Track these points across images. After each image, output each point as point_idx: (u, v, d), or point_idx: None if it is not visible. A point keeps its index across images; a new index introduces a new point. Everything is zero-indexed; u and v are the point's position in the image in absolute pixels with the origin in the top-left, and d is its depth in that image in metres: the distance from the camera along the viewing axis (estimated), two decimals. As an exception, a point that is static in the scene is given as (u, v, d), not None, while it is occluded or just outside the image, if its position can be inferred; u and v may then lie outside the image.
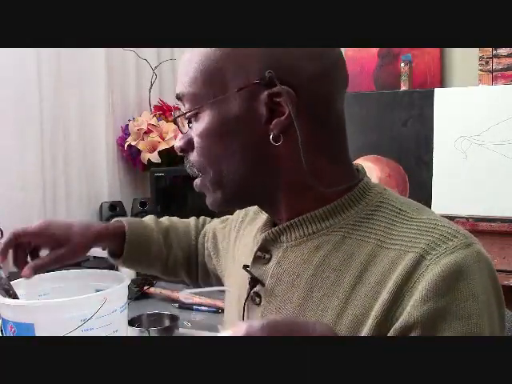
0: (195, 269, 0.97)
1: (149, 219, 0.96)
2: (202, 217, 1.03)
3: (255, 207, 0.81)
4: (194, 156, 0.66)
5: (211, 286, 0.96)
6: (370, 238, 0.61)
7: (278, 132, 0.60)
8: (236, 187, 0.64)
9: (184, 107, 0.66)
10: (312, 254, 0.63)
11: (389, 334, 0.55)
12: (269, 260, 0.67)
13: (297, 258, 0.64)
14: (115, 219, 0.93)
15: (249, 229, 0.80)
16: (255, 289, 0.67)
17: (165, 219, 0.99)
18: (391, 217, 0.62)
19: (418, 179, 1.69)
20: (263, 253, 0.68)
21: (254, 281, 0.67)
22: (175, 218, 1.01)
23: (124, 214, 2.02)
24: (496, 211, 1.59)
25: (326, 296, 0.61)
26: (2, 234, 1.64)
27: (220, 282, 0.92)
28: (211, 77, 0.61)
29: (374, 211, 0.63)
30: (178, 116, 0.67)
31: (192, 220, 1.01)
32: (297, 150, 0.60)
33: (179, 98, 0.65)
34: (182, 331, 1.31)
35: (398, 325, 0.54)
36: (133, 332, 1.24)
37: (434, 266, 0.55)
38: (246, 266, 0.69)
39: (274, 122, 0.60)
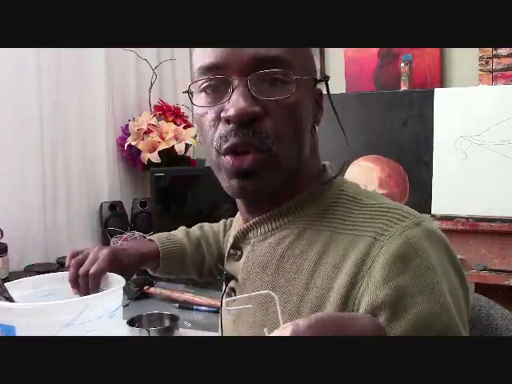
0: None
1: (180, 233, 1.01)
2: (224, 221, 1.06)
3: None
4: (269, 124, 0.61)
5: None
6: (328, 227, 0.64)
7: (317, 124, 0.69)
8: (291, 170, 0.65)
9: (254, 72, 0.60)
10: (276, 246, 0.67)
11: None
12: (240, 257, 0.71)
13: (262, 251, 0.68)
14: (148, 238, 0.98)
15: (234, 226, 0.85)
16: (230, 284, 0.72)
17: (196, 228, 1.03)
18: (346, 205, 0.66)
19: (418, 179, 1.69)
20: (235, 250, 0.72)
21: (229, 277, 0.72)
22: (207, 225, 1.04)
23: (124, 214, 2.02)
24: (496, 211, 1.59)
25: (289, 282, 0.64)
26: (2, 234, 1.64)
27: None
28: (306, 59, 0.66)
29: (334, 202, 0.67)
30: (292, 79, 0.61)
31: (221, 224, 1.04)
32: (312, 145, 0.68)
33: (274, 60, 0.60)
34: (182, 331, 1.31)
35: (364, 307, 0.56)
36: (133, 332, 1.24)
37: (388, 247, 0.57)
38: (221, 264, 0.75)
39: (318, 116, 0.69)
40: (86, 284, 0.83)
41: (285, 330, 0.43)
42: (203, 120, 0.65)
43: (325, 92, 0.72)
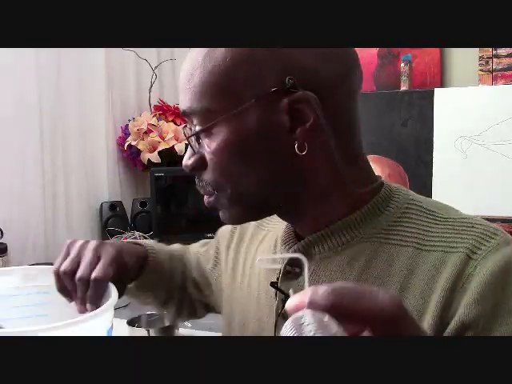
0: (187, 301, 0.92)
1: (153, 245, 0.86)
2: (183, 248, 0.93)
3: (253, 222, 0.78)
4: (208, 174, 0.61)
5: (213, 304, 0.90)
6: (408, 242, 0.59)
7: (303, 140, 0.57)
8: (258, 201, 0.61)
9: (192, 124, 0.61)
10: (350, 263, 0.61)
11: (445, 335, 0.55)
12: (299, 274, 0.63)
13: (333, 268, 0.61)
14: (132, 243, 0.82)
15: (255, 245, 0.76)
16: None
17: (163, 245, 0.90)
18: (423, 218, 0.61)
19: (418, 179, 1.69)
20: (293, 267, 0.64)
21: (287, 297, 0.61)
22: (173, 246, 0.92)
23: (124, 214, 2.02)
24: (496, 211, 1.59)
25: None
26: (1, 233, 1.64)
27: (207, 308, 0.91)
28: (223, 88, 0.57)
29: (404, 213, 0.62)
30: (192, 135, 0.61)
31: (184, 247, 0.94)
32: (322, 157, 0.58)
33: (186, 114, 0.61)
34: (182, 331, 1.31)
35: (452, 325, 0.54)
36: (133, 332, 1.24)
37: (483, 265, 0.55)
38: (273, 283, 0.64)
39: (298, 131, 0.57)
40: (84, 291, 0.66)
41: (304, 295, 0.41)
42: None
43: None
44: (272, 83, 0.56)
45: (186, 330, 1.34)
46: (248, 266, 0.76)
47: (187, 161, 0.62)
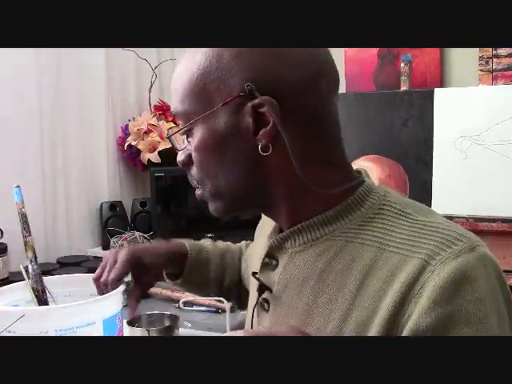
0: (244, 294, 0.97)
1: (206, 242, 1.00)
2: (246, 242, 1.04)
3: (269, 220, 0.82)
4: (193, 170, 0.68)
5: None
6: (373, 242, 0.61)
7: (265, 142, 0.61)
8: (234, 197, 0.66)
9: (180, 124, 0.68)
10: (316, 259, 0.64)
11: None
12: (276, 266, 0.68)
13: (301, 263, 0.65)
14: (179, 242, 0.96)
15: (261, 236, 0.81)
16: (264, 295, 0.68)
17: (220, 243, 1.02)
18: (393, 219, 0.62)
19: (418, 179, 1.69)
20: (270, 259, 0.69)
21: (263, 287, 0.68)
22: (229, 243, 1.04)
23: (124, 214, 2.02)
24: (496, 211, 1.59)
25: (330, 301, 0.61)
26: (1, 233, 1.64)
27: None
28: (198, 94, 0.63)
29: (377, 214, 0.63)
30: (173, 133, 0.69)
31: (243, 243, 1.04)
32: (288, 158, 0.61)
33: (174, 115, 0.68)
34: (182, 331, 1.31)
35: (406, 332, 0.54)
36: (133, 332, 1.24)
37: (439, 272, 0.54)
38: (254, 273, 0.70)
39: (260, 133, 0.61)
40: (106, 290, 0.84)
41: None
42: None
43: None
44: (238, 89, 0.61)
45: (185, 329, 1.34)
46: (255, 254, 0.81)
47: (179, 157, 0.70)
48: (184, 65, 0.64)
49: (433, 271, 0.55)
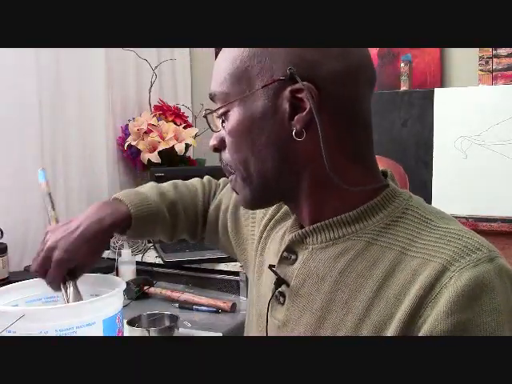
0: (201, 232, 0.96)
1: (152, 192, 0.90)
2: (212, 181, 1.01)
3: (286, 207, 0.81)
4: (226, 154, 0.68)
5: (217, 243, 0.95)
6: (395, 245, 0.61)
7: (300, 127, 0.61)
8: (262, 185, 0.66)
9: (216, 106, 0.68)
10: (337, 258, 0.64)
11: None
12: (294, 261, 0.68)
13: (322, 260, 0.65)
14: (115, 197, 0.87)
15: (278, 228, 0.80)
16: (280, 288, 0.68)
17: (171, 187, 0.95)
18: (416, 224, 0.62)
19: (418, 179, 1.69)
20: (289, 253, 0.69)
21: (280, 280, 0.68)
22: (181, 184, 0.98)
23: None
24: (496, 211, 1.59)
25: (348, 300, 0.61)
26: (1, 233, 1.64)
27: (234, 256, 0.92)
28: (239, 76, 0.63)
29: (399, 218, 0.63)
30: (209, 113, 0.68)
31: (199, 186, 0.98)
32: (318, 148, 0.61)
33: (212, 97, 0.67)
34: (182, 331, 1.31)
35: (421, 335, 0.54)
36: (133, 332, 1.24)
37: (457, 279, 0.54)
38: (271, 266, 0.70)
39: (296, 118, 0.61)
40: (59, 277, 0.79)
41: None
42: None
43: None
44: (279, 74, 0.61)
45: (186, 329, 1.34)
46: (272, 245, 0.78)
47: (211, 141, 0.69)
48: (226, 50, 0.65)
49: (451, 277, 0.55)
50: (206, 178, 1.01)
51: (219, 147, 0.68)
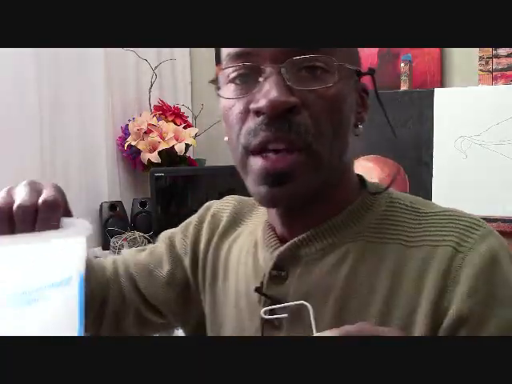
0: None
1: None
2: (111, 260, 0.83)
3: (224, 220, 0.74)
4: (303, 118, 0.54)
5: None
6: (394, 240, 0.60)
7: (360, 123, 0.63)
8: (324, 173, 0.57)
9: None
10: (337, 265, 0.60)
11: (441, 330, 0.55)
12: (285, 278, 0.61)
13: (322, 271, 0.60)
14: None
15: (226, 243, 0.72)
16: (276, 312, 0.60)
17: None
18: (405, 215, 0.62)
19: (418, 179, 1.69)
20: (279, 271, 0.62)
21: (273, 302, 0.60)
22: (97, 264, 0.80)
23: (124, 214, 2.02)
24: (496, 211, 1.59)
25: (363, 305, 0.58)
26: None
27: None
28: (352, 53, 0.62)
29: (388, 211, 0.62)
30: (315, 56, 0.55)
31: (119, 261, 0.82)
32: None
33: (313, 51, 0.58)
34: (182, 331, 1.31)
35: (448, 319, 0.54)
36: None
37: (471, 257, 0.55)
38: (258, 288, 0.62)
39: (362, 113, 0.64)
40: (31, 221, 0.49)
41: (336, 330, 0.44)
42: (229, 114, 0.57)
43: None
44: (359, 65, 0.63)
45: (185, 330, 1.34)
46: (221, 263, 0.72)
47: (283, 97, 0.53)
48: None
49: (463, 258, 0.56)
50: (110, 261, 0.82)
51: (296, 106, 0.54)
